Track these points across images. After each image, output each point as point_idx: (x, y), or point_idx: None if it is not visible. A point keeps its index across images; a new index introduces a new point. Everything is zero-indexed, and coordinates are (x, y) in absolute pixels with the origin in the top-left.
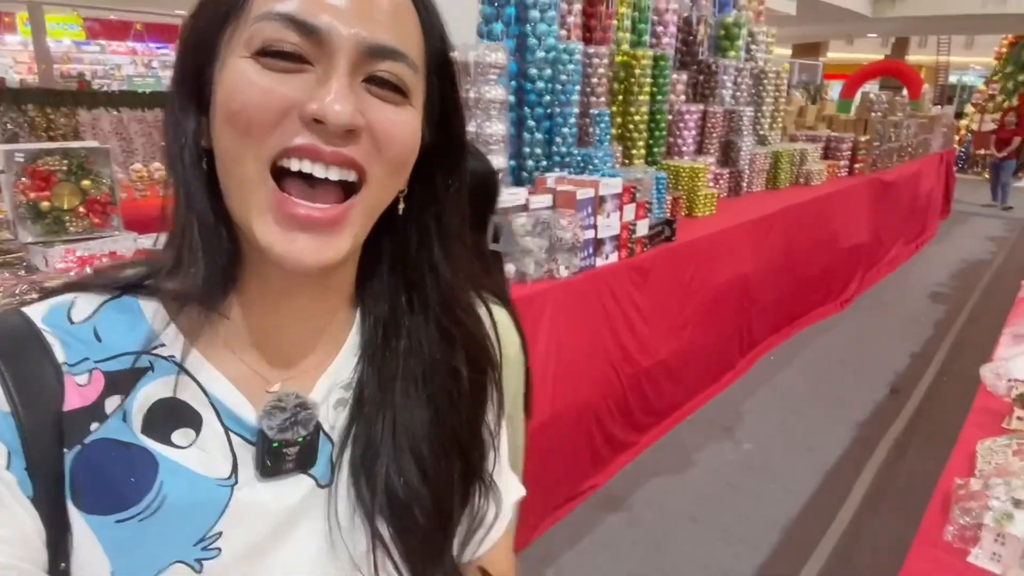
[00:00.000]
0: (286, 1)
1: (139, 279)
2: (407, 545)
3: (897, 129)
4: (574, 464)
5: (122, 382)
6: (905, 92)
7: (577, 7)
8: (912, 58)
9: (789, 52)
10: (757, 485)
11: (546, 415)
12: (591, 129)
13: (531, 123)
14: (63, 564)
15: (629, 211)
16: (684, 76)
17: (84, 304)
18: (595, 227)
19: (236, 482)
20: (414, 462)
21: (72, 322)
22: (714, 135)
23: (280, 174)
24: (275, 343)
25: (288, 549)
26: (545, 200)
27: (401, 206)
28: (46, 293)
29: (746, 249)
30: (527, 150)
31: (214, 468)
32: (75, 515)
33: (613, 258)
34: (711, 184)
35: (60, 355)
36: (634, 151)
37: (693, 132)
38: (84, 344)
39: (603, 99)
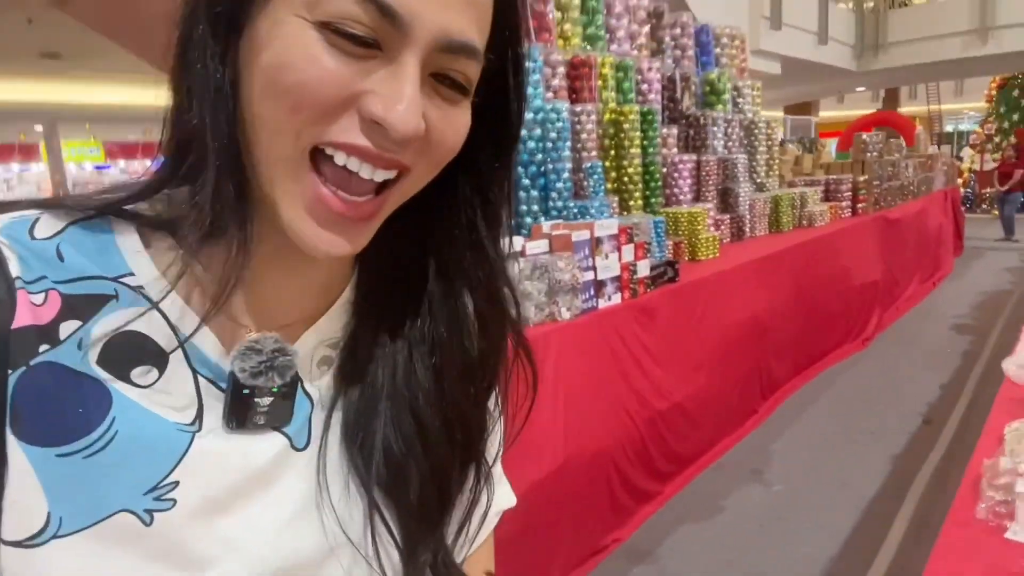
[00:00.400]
0: None
1: (117, 201)
2: (402, 514)
3: (895, 168)
4: (593, 515)
5: (81, 308)
6: (902, 140)
7: (561, 70)
8: (904, 109)
9: (781, 114)
10: (792, 526)
11: (558, 462)
12: (585, 182)
13: (526, 181)
14: None
15: (628, 252)
16: (674, 130)
17: (49, 221)
18: (594, 268)
19: (199, 429)
20: (414, 422)
21: (34, 238)
22: (710, 183)
23: (315, 152)
24: (259, 292)
25: (254, 511)
26: (542, 245)
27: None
28: (6, 206)
29: (755, 288)
30: (524, 207)
31: (176, 412)
32: (12, 444)
33: (616, 299)
34: (712, 229)
35: (15, 270)
36: (631, 202)
37: (689, 181)
38: (44, 262)
39: (594, 153)
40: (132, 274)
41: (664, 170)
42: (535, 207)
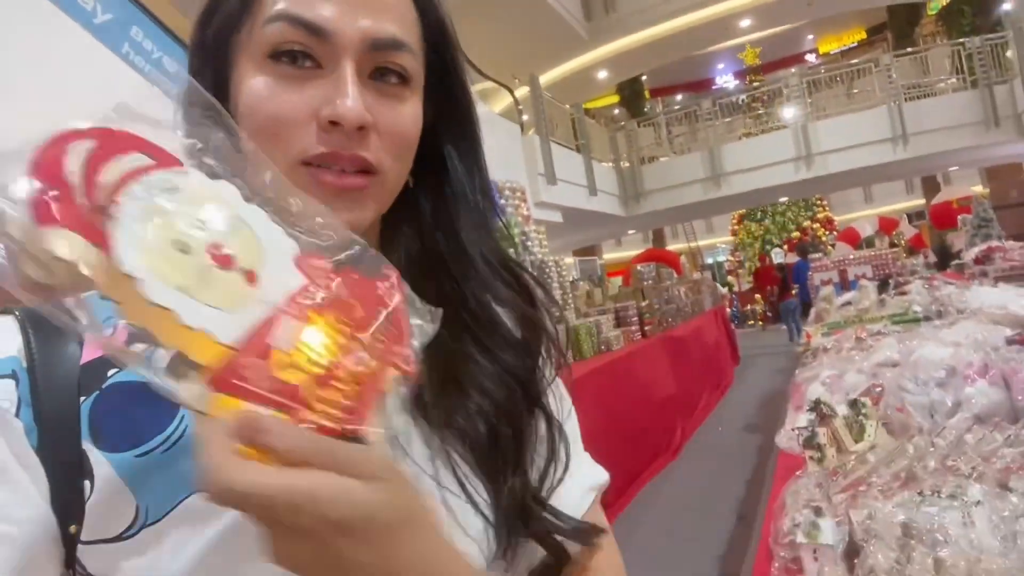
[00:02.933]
0: (300, 1)
1: None
2: (477, 453)
3: (669, 293)
4: None
5: (144, 337)
6: (672, 271)
7: None
8: (670, 247)
9: (571, 258)
10: None
11: None
12: None
13: None
14: (73, 526)
15: None
16: None
17: None
18: None
19: None
20: (466, 370)
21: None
22: None
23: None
24: None
25: None
26: None
27: (409, 179)
28: None
29: None
30: None
31: None
32: (97, 457)
33: None
34: None
35: (87, 320)
36: None
37: None
38: (109, 307)
39: None
40: None
41: None
42: None
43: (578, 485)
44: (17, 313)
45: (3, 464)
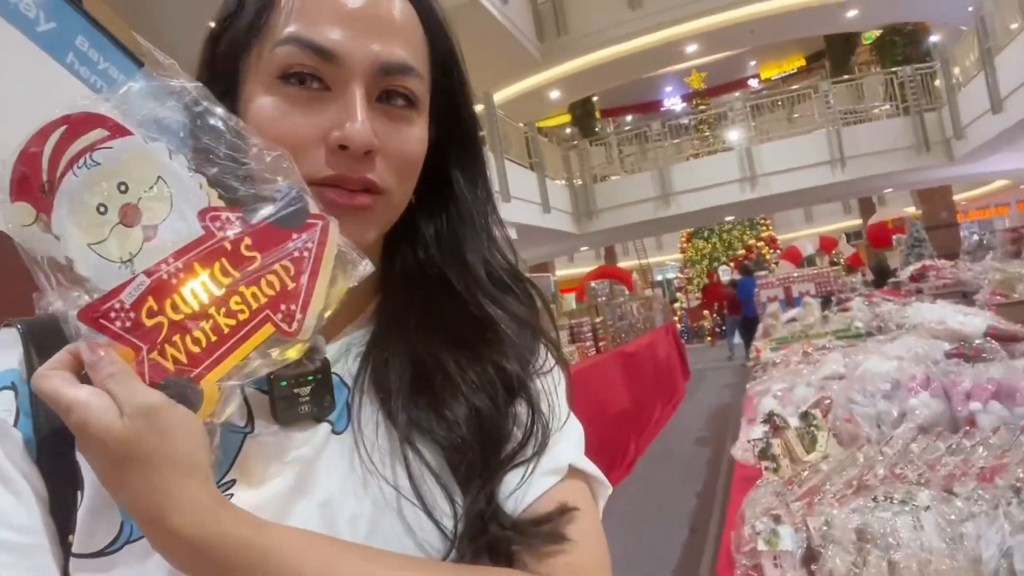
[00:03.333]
0: (301, 24)
1: None
2: (440, 453)
3: (622, 309)
4: None
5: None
6: (624, 288)
7: None
8: (621, 264)
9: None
10: None
11: None
12: None
13: None
14: (70, 536)
15: None
16: None
17: None
18: None
19: (251, 431)
20: (435, 363)
21: None
22: None
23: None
24: None
25: (308, 499)
26: None
27: (412, 198)
28: None
29: None
30: None
31: (232, 419)
32: (87, 469)
33: None
34: None
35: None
36: None
37: None
38: None
39: None
40: None
41: None
42: None
43: (540, 469)
44: (19, 326)
45: (5, 473)
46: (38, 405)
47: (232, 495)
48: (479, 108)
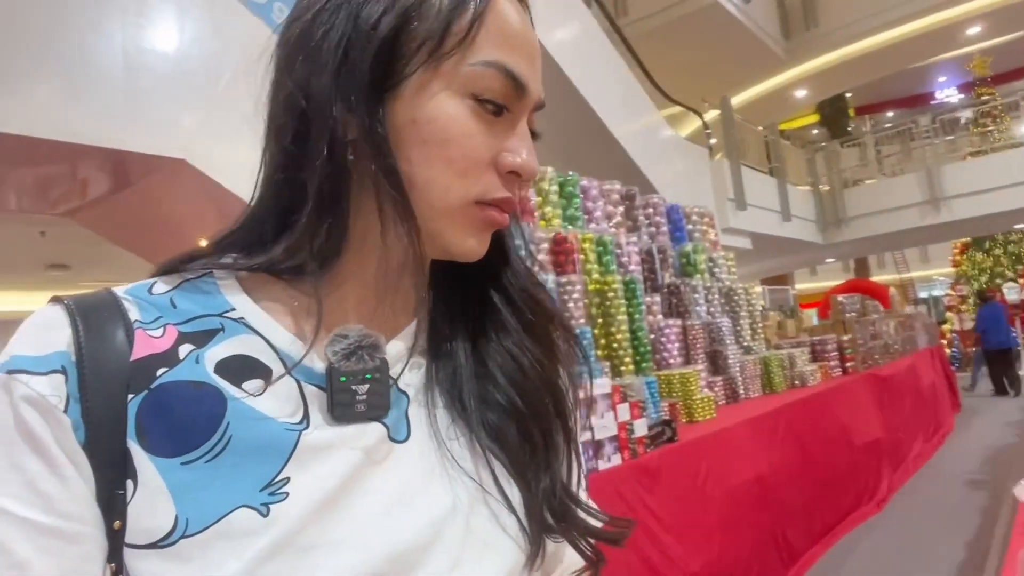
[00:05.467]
0: (504, 52)
1: (218, 266)
2: (512, 457)
3: (876, 327)
4: None
5: (195, 337)
6: (878, 303)
7: (545, 246)
8: (876, 278)
9: (759, 287)
10: None
11: None
12: None
13: None
14: (117, 522)
15: (623, 411)
16: (657, 298)
17: (164, 282)
18: (591, 428)
19: (306, 427)
20: (506, 372)
21: (151, 294)
22: (698, 346)
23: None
24: (354, 315)
25: (362, 498)
26: None
27: None
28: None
29: (758, 448)
30: None
31: (284, 414)
32: (141, 458)
33: (616, 460)
34: (705, 390)
35: (135, 315)
36: (622, 367)
37: (677, 345)
38: (160, 309)
39: (583, 320)
40: (233, 308)
41: (651, 335)
42: None
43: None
44: (67, 303)
45: (54, 459)
46: (88, 389)
47: (287, 494)
48: (714, 115)
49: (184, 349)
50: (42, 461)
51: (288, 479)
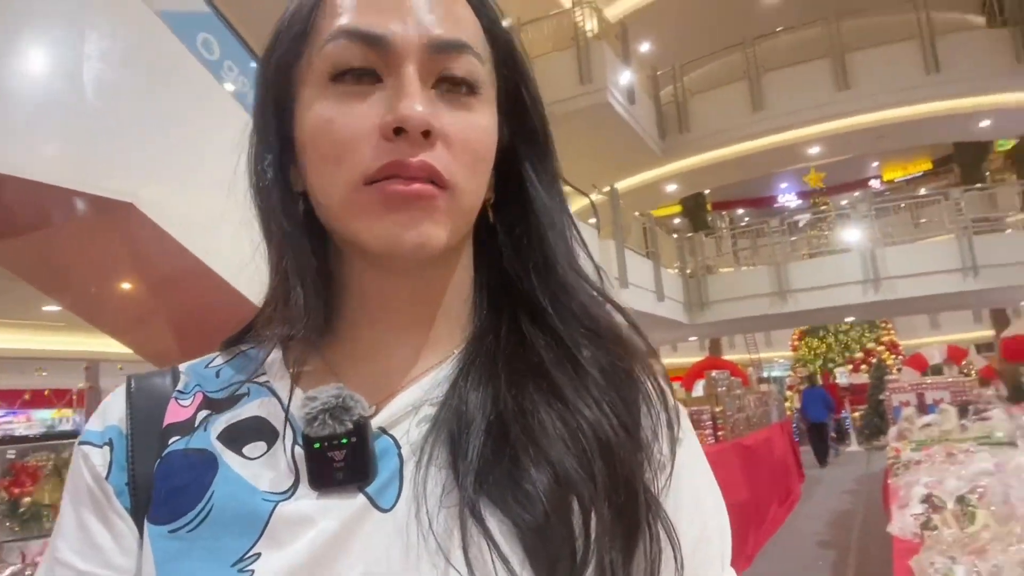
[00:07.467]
0: (348, 16)
1: (263, 337)
2: (524, 540)
3: (740, 401)
4: None
5: (219, 404)
6: (739, 380)
7: None
8: (727, 357)
9: None
10: None
11: None
12: None
13: None
14: None
15: None
16: None
17: (223, 355)
18: None
19: (290, 496)
20: (527, 420)
21: (207, 367)
22: None
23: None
24: (377, 362)
25: (337, 571)
26: None
27: (491, 215)
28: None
29: None
30: None
31: (275, 482)
32: (145, 524)
33: None
34: None
35: (180, 386)
36: None
37: None
38: (204, 379)
39: None
40: (263, 373)
41: None
42: None
43: None
44: (129, 381)
45: (108, 517)
46: (135, 458)
47: (253, 570)
48: (598, 197)
49: (201, 415)
50: (100, 520)
51: (259, 555)
